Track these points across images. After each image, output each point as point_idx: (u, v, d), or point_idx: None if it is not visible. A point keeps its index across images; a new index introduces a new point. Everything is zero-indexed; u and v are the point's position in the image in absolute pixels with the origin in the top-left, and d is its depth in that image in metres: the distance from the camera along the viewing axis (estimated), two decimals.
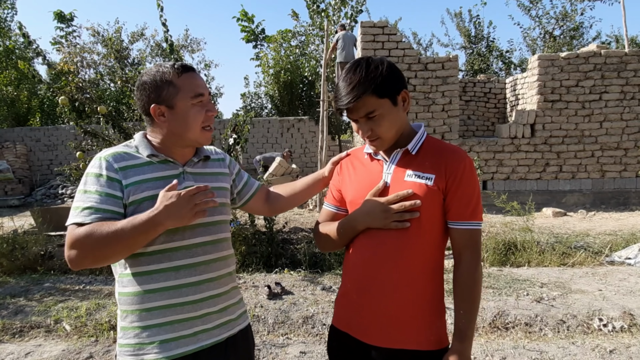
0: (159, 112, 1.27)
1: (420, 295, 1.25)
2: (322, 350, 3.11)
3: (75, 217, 1.18)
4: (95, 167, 1.22)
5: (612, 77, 8.51)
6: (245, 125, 5.36)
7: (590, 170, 8.70)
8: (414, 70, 8.42)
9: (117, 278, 1.29)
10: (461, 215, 1.24)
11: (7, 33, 16.85)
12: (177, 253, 1.25)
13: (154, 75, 1.26)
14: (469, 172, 1.24)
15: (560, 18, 16.68)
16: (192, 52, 19.93)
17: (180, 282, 1.24)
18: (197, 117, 1.27)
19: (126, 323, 1.25)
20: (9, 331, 3.50)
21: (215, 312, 1.30)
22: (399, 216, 1.22)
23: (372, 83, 1.19)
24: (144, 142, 1.31)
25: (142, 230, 1.13)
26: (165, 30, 4.85)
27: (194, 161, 1.36)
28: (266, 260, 5.02)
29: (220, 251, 1.34)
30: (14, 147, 13.51)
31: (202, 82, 1.31)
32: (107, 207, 1.18)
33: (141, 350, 1.23)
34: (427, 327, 1.26)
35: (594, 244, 5.41)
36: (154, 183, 1.24)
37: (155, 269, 1.23)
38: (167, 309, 1.23)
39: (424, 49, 19.38)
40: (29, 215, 7.76)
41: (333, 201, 1.46)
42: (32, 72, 5.06)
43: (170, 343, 1.23)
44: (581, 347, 3.07)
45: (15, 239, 5.20)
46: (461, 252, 1.25)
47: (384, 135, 1.26)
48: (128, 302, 1.25)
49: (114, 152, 1.26)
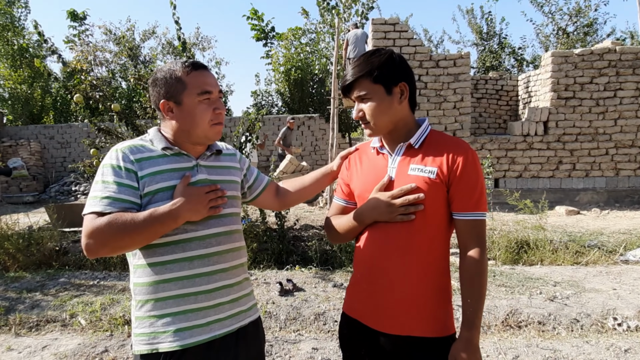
0: (167, 107, 1.31)
1: (426, 285, 1.30)
2: (334, 346, 3.12)
3: (94, 206, 1.20)
4: (113, 159, 1.25)
5: (627, 73, 8.37)
6: (256, 123, 5.39)
7: (604, 168, 8.58)
8: (425, 67, 8.37)
9: (131, 269, 1.32)
10: (465, 206, 1.27)
11: (21, 32, 17.08)
12: (190, 244, 1.27)
13: (166, 72, 1.30)
14: (472, 163, 1.27)
15: (574, 14, 16.41)
16: (203, 50, 20.05)
17: (194, 272, 1.27)
18: (204, 114, 1.29)
19: (141, 313, 1.28)
20: (26, 325, 3.57)
21: (227, 302, 1.33)
22: (404, 209, 1.27)
23: (369, 67, 1.28)
24: (158, 136, 1.34)
25: (162, 222, 1.18)
26: (178, 28, 4.88)
27: (206, 155, 1.39)
28: (277, 257, 5.04)
29: (232, 242, 1.37)
30: (28, 145, 13.70)
31: (211, 80, 1.32)
32: (125, 197, 1.21)
33: (156, 339, 1.25)
34: (433, 315, 1.31)
35: (608, 243, 5.34)
36: (168, 174, 1.27)
37: (169, 259, 1.26)
38: (181, 298, 1.26)
39: (435, 45, 19.26)
40: (43, 212, 7.88)
41: (342, 195, 1.51)
42: (48, 71, 5.13)
43: (184, 332, 1.25)
44: (595, 346, 3.04)
45: (31, 235, 5.29)
46: (466, 242, 1.29)
47: (372, 120, 1.32)
48: (143, 292, 1.27)
49: (130, 144, 1.30)
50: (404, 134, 1.36)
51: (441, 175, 1.26)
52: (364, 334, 1.36)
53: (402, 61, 1.32)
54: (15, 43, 16.47)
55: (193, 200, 1.22)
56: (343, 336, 1.46)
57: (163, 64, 1.43)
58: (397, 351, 1.31)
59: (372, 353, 1.35)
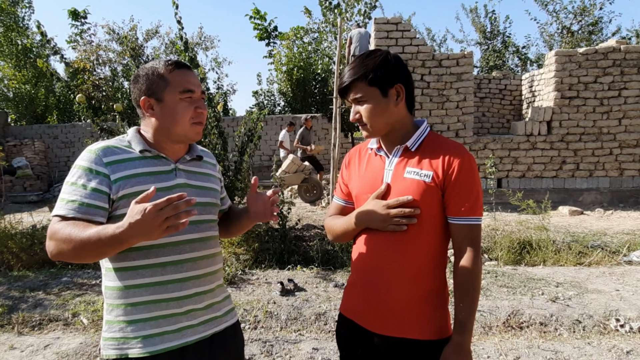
0: (148, 104, 1.29)
1: (421, 288, 1.31)
2: (334, 346, 3.12)
3: (59, 209, 1.19)
4: (84, 160, 1.23)
5: (632, 73, 8.31)
6: (258, 123, 5.39)
7: (608, 168, 8.53)
8: (428, 66, 8.35)
9: (103, 271, 1.30)
10: (459, 211, 1.27)
11: (25, 32, 17.15)
12: (164, 249, 1.25)
13: (148, 69, 1.29)
14: (468, 167, 1.26)
15: (579, 13, 16.32)
16: (206, 49, 20.04)
17: (166, 278, 1.25)
18: (185, 112, 1.28)
19: (112, 317, 1.26)
20: (28, 324, 3.59)
21: (200, 309, 1.32)
22: (397, 220, 1.27)
23: (364, 70, 1.28)
24: (137, 137, 1.31)
25: (107, 244, 1.08)
26: (180, 28, 4.90)
27: (186, 159, 1.37)
28: (279, 257, 5.04)
29: (207, 249, 1.35)
30: (32, 144, 13.76)
31: (194, 79, 1.32)
32: (91, 201, 1.19)
33: (125, 345, 1.23)
34: (427, 318, 1.31)
35: (611, 244, 5.31)
36: (145, 178, 1.25)
37: (142, 264, 1.24)
38: (152, 304, 1.24)
39: (438, 45, 19.19)
40: (47, 211, 7.92)
41: (341, 195, 1.52)
42: (51, 71, 5.15)
43: (155, 338, 1.24)
44: (597, 348, 3.03)
45: (34, 234, 5.32)
46: (461, 246, 1.28)
47: (369, 122, 1.32)
48: (114, 296, 1.26)
49: (105, 145, 1.27)
50: (401, 135, 1.35)
51: (437, 179, 1.26)
52: (359, 335, 1.37)
53: (398, 62, 1.31)
54: (19, 43, 16.55)
55: (139, 223, 1.00)
56: (340, 336, 1.47)
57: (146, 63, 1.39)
58: (391, 352, 1.32)
59: (368, 353, 1.36)
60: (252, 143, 5.46)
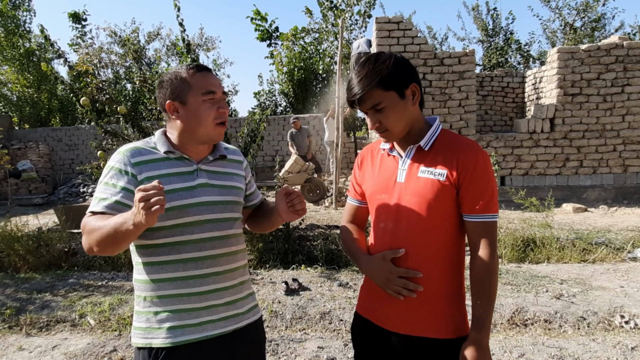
0: (173, 108, 1.36)
1: (438, 286, 1.31)
2: (339, 345, 3.14)
3: (92, 207, 1.29)
4: (115, 161, 1.33)
5: (635, 69, 8.28)
6: (261, 123, 5.41)
7: (612, 165, 8.50)
8: (430, 65, 8.34)
9: (134, 265, 1.38)
10: (474, 209, 1.26)
11: (27, 35, 17.24)
12: (185, 246, 1.32)
13: (171, 75, 1.37)
14: (482, 165, 1.26)
15: (582, 9, 16.26)
16: (207, 50, 20.09)
17: (187, 273, 1.32)
18: (209, 113, 1.34)
19: (140, 307, 1.35)
20: (36, 325, 3.63)
21: (221, 305, 1.36)
22: (398, 289, 1.29)
23: (378, 76, 1.24)
24: (162, 139, 1.39)
25: (117, 228, 1.14)
26: (182, 30, 4.92)
27: (209, 159, 1.42)
28: (283, 256, 5.06)
29: (228, 246, 1.39)
30: (37, 147, 13.84)
31: (215, 81, 1.37)
32: (119, 199, 1.27)
33: (150, 334, 1.32)
34: (445, 317, 1.31)
35: (615, 240, 5.29)
36: (167, 178, 1.31)
37: (165, 260, 1.31)
38: (175, 298, 1.31)
39: (439, 43, 19.12)
40: (52, 214, 7.95)
41: (355, 195, 1.53)
42: (55, 74, 5.19)
43: (176, 330, 1.31)
44: (602, 344, 3.03)
45: (40, 237, 5.36)
46: (476, 244, 1.28)
47: (391, 127, 1.30)
48: (142, 289, 1.35)
49: (133, 147, 1.36)
50: (415, 135, 1.35)
51: (451, 178, 1.26)
52: (375, 334, 1.38)
53: (407, 62, 1.30)
54: (21, 47, 16.63)
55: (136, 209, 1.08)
56: (355, 333, 1.49)
57: (170, 68, 1.44)
58: (409, 351, 1.32)
59: (383, 352, 1.37)
60: (255, 144, 5.49)
